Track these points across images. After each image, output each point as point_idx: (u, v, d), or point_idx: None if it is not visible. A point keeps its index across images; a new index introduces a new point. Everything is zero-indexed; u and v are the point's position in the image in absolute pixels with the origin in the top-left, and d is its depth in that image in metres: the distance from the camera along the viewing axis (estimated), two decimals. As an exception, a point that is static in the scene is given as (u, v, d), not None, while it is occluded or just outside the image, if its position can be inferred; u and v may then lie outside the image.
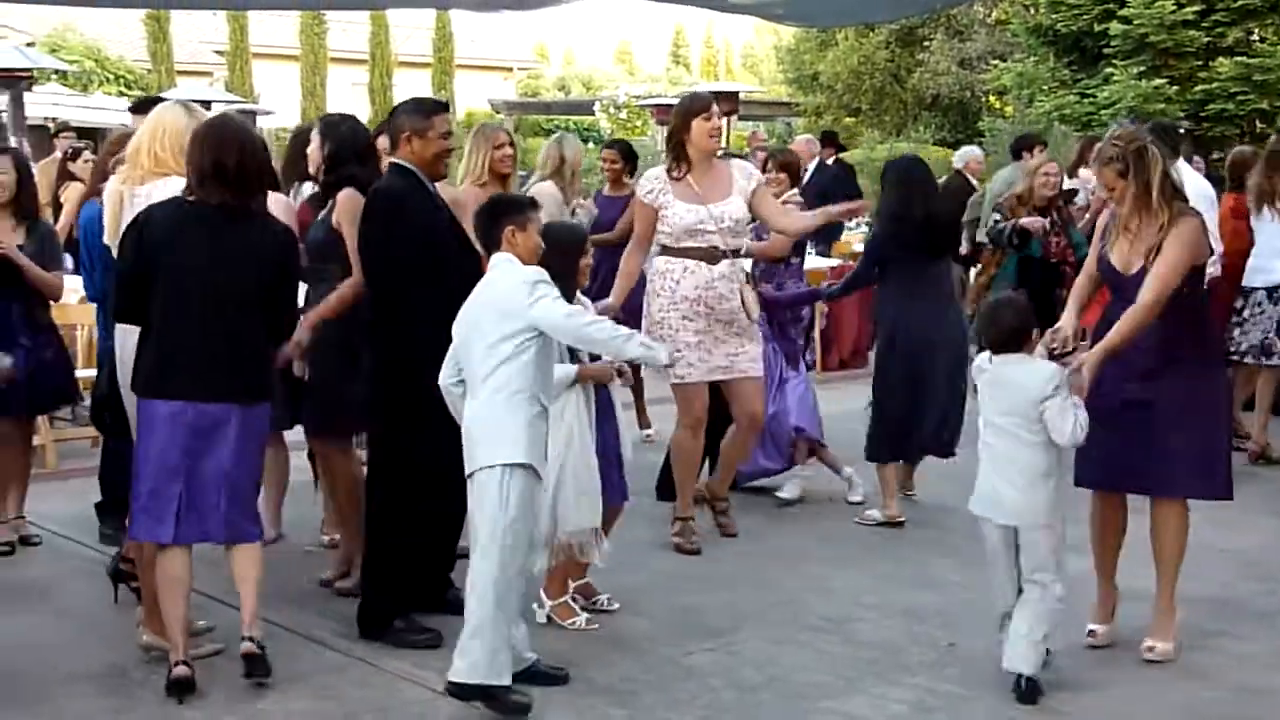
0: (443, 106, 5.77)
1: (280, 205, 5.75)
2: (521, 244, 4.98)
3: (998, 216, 8.64)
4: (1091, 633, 5.56)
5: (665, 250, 6.76)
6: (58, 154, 10.86)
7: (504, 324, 4.81)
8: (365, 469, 5.93)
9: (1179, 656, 5.44)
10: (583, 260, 5.62)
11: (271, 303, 5.03)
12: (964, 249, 9.96)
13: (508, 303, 4.83)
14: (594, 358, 5.54)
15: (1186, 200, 5.48)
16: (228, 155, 4.91)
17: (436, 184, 5.74)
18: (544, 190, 8.14)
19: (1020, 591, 5.09)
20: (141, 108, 7.17)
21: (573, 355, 5.50)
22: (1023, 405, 5.01)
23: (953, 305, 7.71)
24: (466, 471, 4.86)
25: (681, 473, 6.93)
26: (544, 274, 4.87)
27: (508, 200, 5.29)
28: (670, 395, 6.97)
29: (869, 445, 7.55)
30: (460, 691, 4.82)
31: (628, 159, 9.69)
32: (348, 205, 5.84)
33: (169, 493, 4.90)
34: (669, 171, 6.76)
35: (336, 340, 5.83)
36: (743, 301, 6.75)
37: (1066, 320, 5.44)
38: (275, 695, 5.01)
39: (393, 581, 5.52)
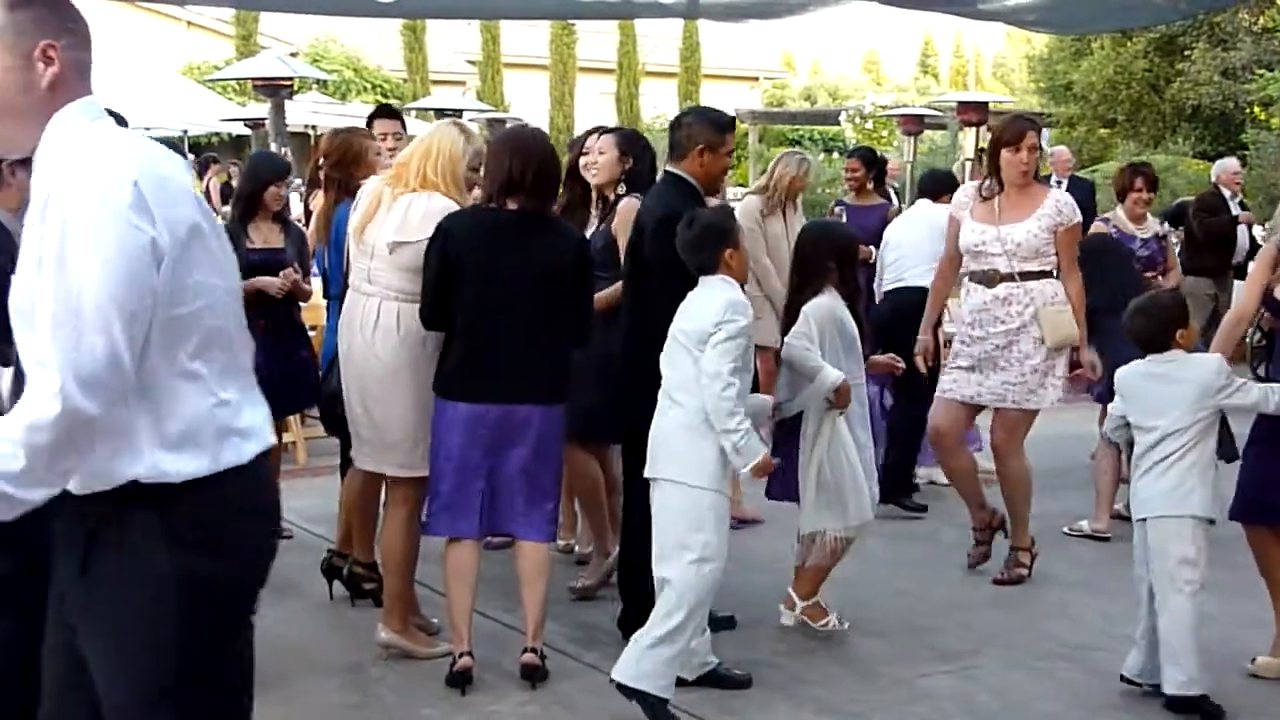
0: (734, 123, 5.70)
1: None
2: (738, 263, 4.97)
3: None
4: (1253, 660, 5.41)
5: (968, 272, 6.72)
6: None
7: (697, 345, 4.82)
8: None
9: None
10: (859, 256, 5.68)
11: (569, 304, 5.11)
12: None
13: (704, 323, 4.81)
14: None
15: None
16: (529, 164, 5.04)
17: None
18: (744, 205, 7.99)
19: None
20: (388, 113, 7.33)
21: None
22: (1187, 401, 5.00)
23: None
24: (649, 474, 4.93)
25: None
26: (739, 313, 4.79)
27: (715, 221, 5.04)
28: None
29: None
30: (626, 691, 4.82)
31: (870, 166, 9.52)
32: (625, 213, 5.93)
33: (472, 489, 5.07)
34: (980, 189, 6.65)
35: (595, 347, 5.89)
36: (1039, 324, 6.42)
37: None
38: (507, 698, 5.06)
39: (648, 591, 5.40)
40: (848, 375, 5.45)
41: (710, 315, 4.79)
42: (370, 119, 7.13)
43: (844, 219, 9.21)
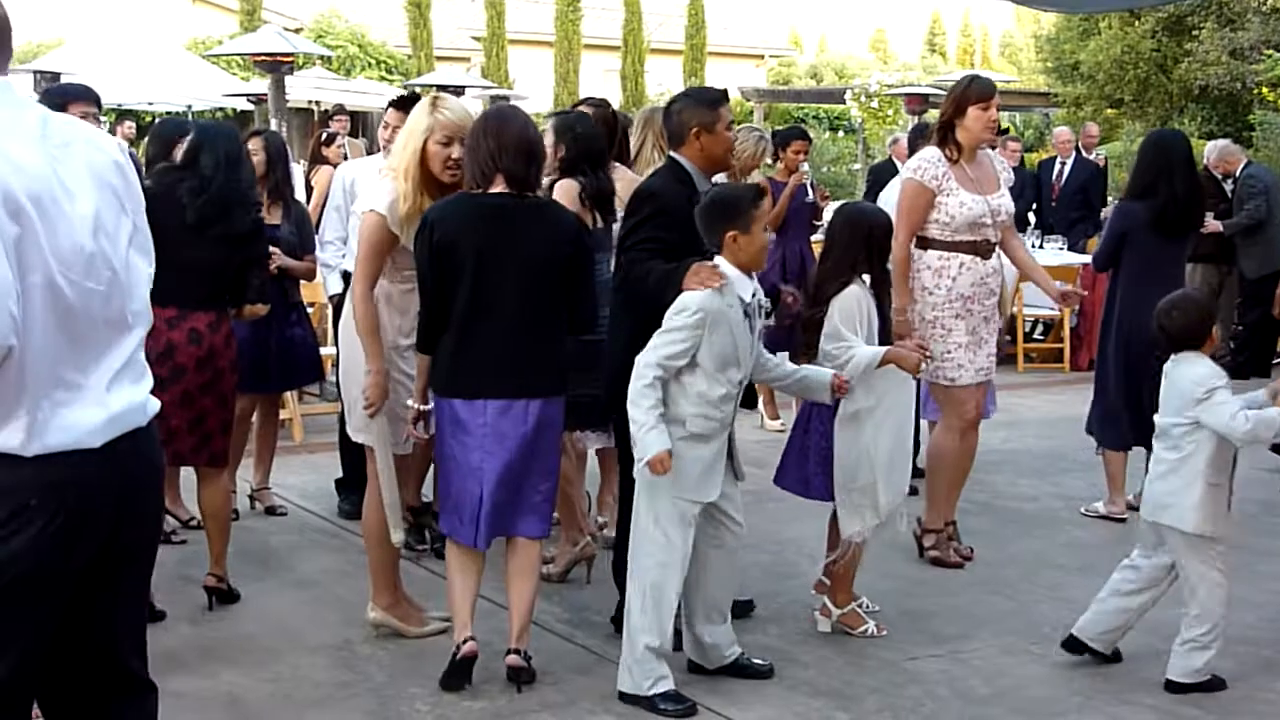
0: (725, 96, 5.47)
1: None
2: (744, 248, 4.82)
3: None
4: None
5: (933, 243, 6.32)
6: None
7: None
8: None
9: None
10: None
11: (566, 292, 4.88)
12: None
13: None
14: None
15: None
16: (505, 144, 4.78)
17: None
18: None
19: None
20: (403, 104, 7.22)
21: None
22: (1179, 406, 4.97)
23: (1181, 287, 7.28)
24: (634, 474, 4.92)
25: (948, 480, 6.53)
26: (700, 305, 4.70)
27: (727, 198, 4.95)
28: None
29: (1088, 431, 7.37)
30: (626, 701, 4.86)
31: None
32: (562, 195, 5.85)
33: (469, 493, 4.84)
34: (946, 155, 6.33)
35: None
36: (1002, 297, 6.54)
37: None
38: (497, 676, 4.98)
39: None
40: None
41: (672, 309, 4.76)
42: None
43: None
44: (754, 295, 4.85)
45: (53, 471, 2.70)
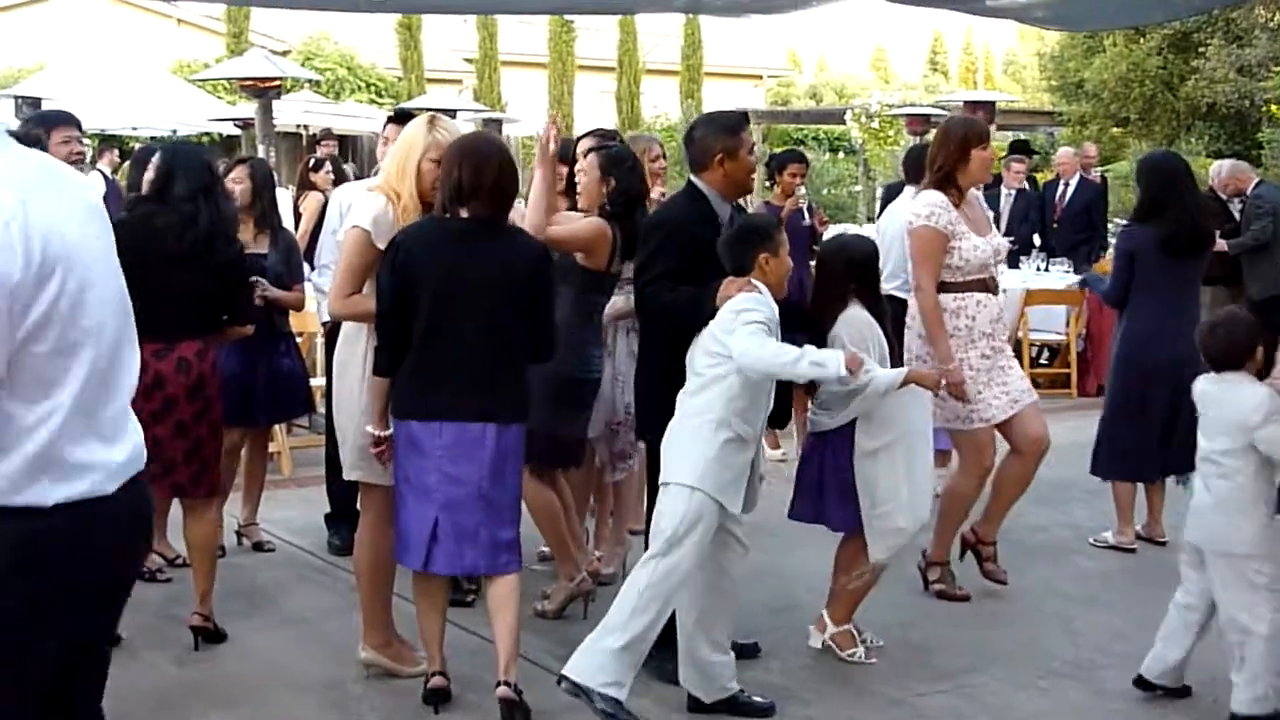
0: (746, 119, 5.48)
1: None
2: (773, 270, 4.89)
3: None
4: None
5: (946, 286, 6.17)
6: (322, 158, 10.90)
7: (712, 345, 4.79)
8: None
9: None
10: None
11: (528, 319, 4.86)
12: None
13: (717, 326, 4.79)
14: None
15: None
16: (480, 172, 4.79)
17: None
18: None
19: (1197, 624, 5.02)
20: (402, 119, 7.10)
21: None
22: (1231, 428, 4.82)
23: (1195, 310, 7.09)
24: (660, 479, 4.84)
25: (953, 522, 6.39)
26: (759, 304, 4.76)
27: (758, 224, 5.12)
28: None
29: (1093, 461, 7.19)
30: (565, 684, 4.74)
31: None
32: (593, 231, 5.80)
33: (425, 516, 4.80)
34: (951, 201, 6.20)
35: (543, 370, 5.52)
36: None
37: None
38: (489, 715, 4.86)
39: None
40: None
41: (728, 314, 4.76)
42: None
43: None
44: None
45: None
